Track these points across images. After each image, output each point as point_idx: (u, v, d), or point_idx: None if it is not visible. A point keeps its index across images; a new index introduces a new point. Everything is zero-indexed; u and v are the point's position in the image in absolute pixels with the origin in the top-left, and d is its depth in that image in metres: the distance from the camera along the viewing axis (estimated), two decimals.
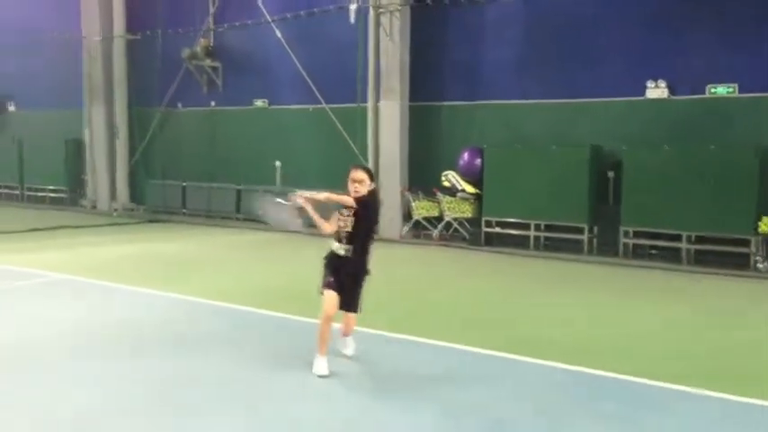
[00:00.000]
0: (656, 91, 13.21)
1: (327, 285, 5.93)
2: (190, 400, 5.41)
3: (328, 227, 6.09)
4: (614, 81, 13.58)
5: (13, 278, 9.95)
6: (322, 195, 5.86)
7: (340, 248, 5.96)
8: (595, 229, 13.53)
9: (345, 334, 6.37)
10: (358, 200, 5.84)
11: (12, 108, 24.10)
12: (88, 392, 5.54)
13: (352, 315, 6.12)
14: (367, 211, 5.90)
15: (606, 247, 13.29)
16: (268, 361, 6.38)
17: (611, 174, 13.38)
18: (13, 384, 5.73)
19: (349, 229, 5.90)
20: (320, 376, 5.85)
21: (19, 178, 22.64)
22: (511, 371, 6.32)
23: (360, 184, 5.86)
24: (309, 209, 5.97)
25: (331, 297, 5.91)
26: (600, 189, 13.49)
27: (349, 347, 6.41)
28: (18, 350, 6.62)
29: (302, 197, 5.90)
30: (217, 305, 8.57)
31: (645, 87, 13.30)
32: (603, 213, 13.41)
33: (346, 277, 5.94)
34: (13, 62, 22.43)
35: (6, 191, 23.13)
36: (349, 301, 5.99)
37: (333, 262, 6.00)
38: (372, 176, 6.04)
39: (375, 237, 6.18)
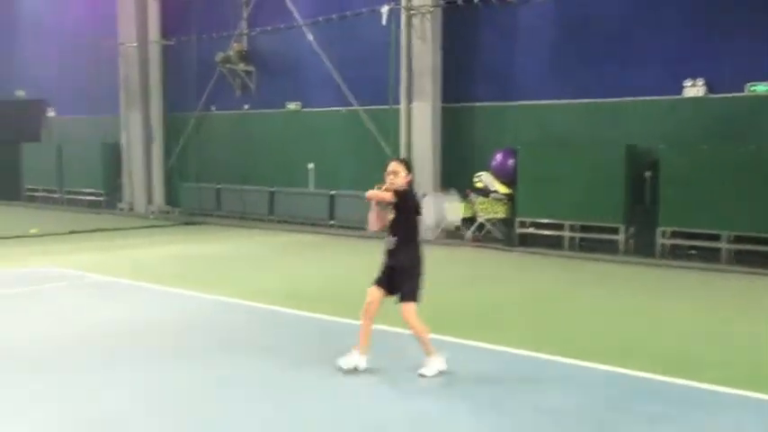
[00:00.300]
0: (694, 89, 13.00)
1: (374, 281, 6.02)
2: (227, 400, 5.46)
3: (374, 223, 6.10)
4: (651, 80, 13.39)
5: (53, 279, 10.16)
6: (368, 193, 5.95)
7: (387, 242, 6.01)
8: (631, 229, 13.35)
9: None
10: (395, 192, 5.86)
11: (51, 114, 24.61)
12: (122, 392, 5.63)
13: (403, 306, 5.91)
14: (405, 202, 5.91)
15: (643, 248, 13.09)
16: (305, 362, 6.42)
17: (647, 173, 13.18)
18: (50, 383, 5.83)
19: (391, 221, 5.96)
20: (339, 368, 5.93)
21: (58, 182, 23.08)
22: (554, 372, 6.27)
23: (394, 175, 5.92)
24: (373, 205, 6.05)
25: (369, 292, 6.00)
26: (636, 189, 13.31)
27: (353, 360, 6.04)
28: (55, 349, 6.75)
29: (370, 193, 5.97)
30: (253, 306, 8.63)
31: (682, 86, 13.10)
32: (640, 213, 13.22)
33: (392, 269, 5.97)
34: (53, 69, 22.93)
35: (46, 194, 23.60)
36: (398, 292, 5.94)
37: (385, 256, 6.05)
38: (409, 167, 6.09)
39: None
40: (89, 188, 22.31)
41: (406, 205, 5.93)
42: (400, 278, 5.93)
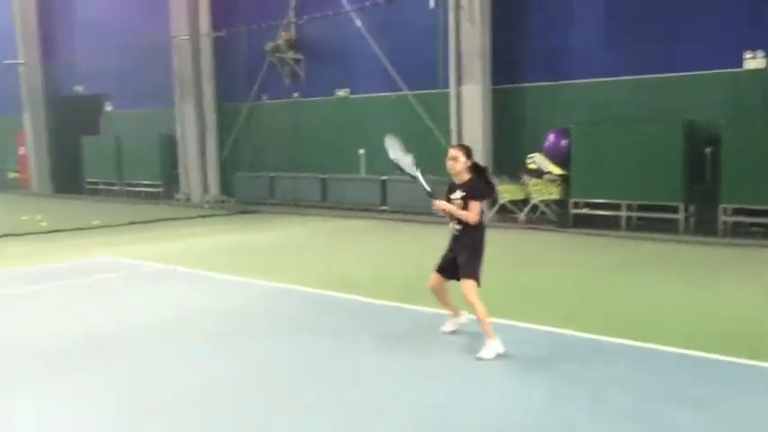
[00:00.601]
0: (755, 62, 12.54)
1: (435, 267, 6.39)
2: (295, 384, 5.55)
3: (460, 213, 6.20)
4: (709, 53, 12.96)
5: (114, 269, 10.45)
6: (448, 208, 6.15)
7: (452, 228, 6.27)
8: (691, 207, 13.01)
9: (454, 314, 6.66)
10: (465, 196, 6.10)
11: (109, 108, 25.26)
12: (188, 375, 5.79)
13: (462, 283, 6.10)
14: (473, 195, 6.12)
15: (704, 226, 12.74)
16: (367, 346, 6.50)
17: (707, 149, 12.80)
18: (116, 369, 6.01)
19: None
20: (445, 332, 6.58)
21: (117, 174, 23.73)
22: (616, 354, 6.17)
23: (454, 161, 6.15)
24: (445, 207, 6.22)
25: (431, 278, 6.41)
26: (696, 166, 12.94)
27: (450, 325, 6.66)
28: (121, 336, 6.96)
29: (440, 205, 6.20)
30: (307, 291, 8.72)
31: (742, 58, 12.64)
32: (700, 191, 12.86)
33: (455, 252, 6.22)
34: (110, 64, 23.51)
35: (106, 187, 24.30)
36: (459, 272, 6.15)
37: (450, 241, 6.33)
38: (469, 153, 6.26)
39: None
40: (147, 180, 22.88)
41: (473, 197, 6.11)
42: (462, 259, 6.12)
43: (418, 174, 6.50)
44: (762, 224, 12.24)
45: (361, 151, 18.09)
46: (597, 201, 13.82)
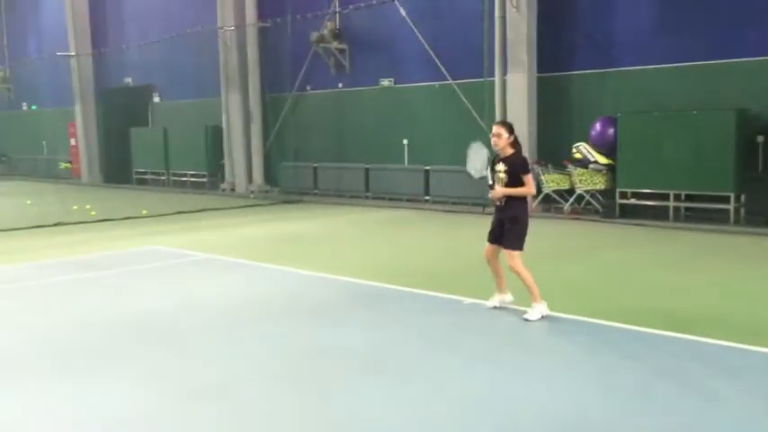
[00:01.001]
0: None
1: (487, 238, 6.94)
2: (341, 369, 5.63)
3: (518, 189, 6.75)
4: (762, 38, 12.58)
5: (163, 258, 10.67)
6: (507, 192, 6.70)
7: (499, 201, 6.79)
8: (743, 197, 12.68)
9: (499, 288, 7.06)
10: (510, 170, 6.66)
11: (156, 99, 25.72)
12: (234, 360, 5.92)
13: (505, 252, 6.70)
14: (514, 167, 6.66)
15: (756, 217, 12.42)
16: (409, 336, 6.53)
17: (760, 138, 12.46)
18: (167, 353, 6.17)
19: (505, 183, 6.70)
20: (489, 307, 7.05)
21: (164, 165, 24.16)
22: (660, 346, 6.09)
23: (498, 137, 6.68)
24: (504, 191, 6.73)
25: (487, 246, 6.93)
26: (748, 155, 12.61)
27: (495, 301, 7.07)
28: (170, 322, 7.12)
29: (498, 193, 6.73)
30: (352, 281, 8.74)
31: None
32: (752, 181, 12.53)
33: (501, 222, 6.77)
34: (157, 55, 23.92)
35: (153, 176, 24.78)
36: (503, 240, 6.75)
37: (495, 213, 6.90)
38: (511, 129, 6.76)
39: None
40: (193, 170, 23.25)
41: (514, 172, 6.64)
42: (507, 229, 6.68)
43: (488, 173, 6.91)
44: None
45: (405, 141, 18.08)
46: (644, 191, 13.57)
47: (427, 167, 17.32)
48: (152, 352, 6.09)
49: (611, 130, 13.88)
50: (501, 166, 6.69)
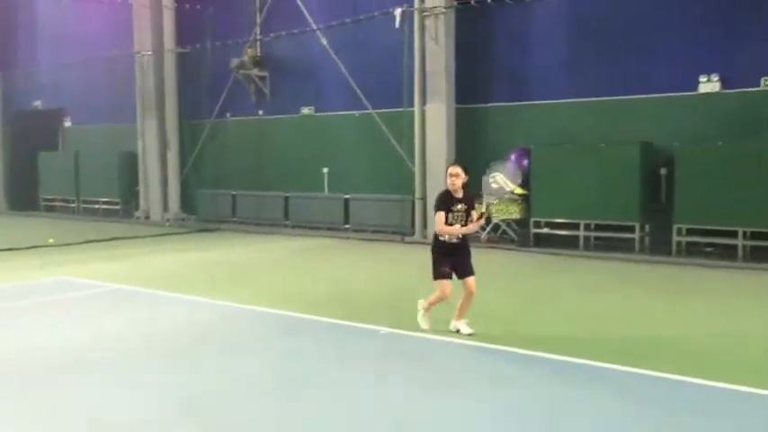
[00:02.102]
0: (709, 85, 12.93)
1: (443, 275, 7.06)
2: (247, 403, 5.51)
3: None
4: (666, 76, 13.34)
5: (70, 289, 10.19)
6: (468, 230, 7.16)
7: (454, 238, 7.07)
8: (647, 227, 13.29)
9: (460, 317, 7.25)
10: (469, 206, 7.11)
11: (68, 123, 24.87)
12: (138, 396, 5.75)
13: (471, 279, 7.10)
14: (471, 205, 7.13)
15: (659, 246, 13.02)
16: (322, 364, 6.48)
17: (663, 170, 13.13)
18: (67, 389, 5.92)
19: (464, 222, 7.07)
20: (424, 330, 7.21)
21: (75, 191, 23.29)
22: (556, 370, 6.25)
23: (456, 177, 6.99)
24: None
25: (449, 284, 7.07)
26: (651, 186, 13.25)
27: (465, 327, 7.24)
28: (74, 357, 6.83)
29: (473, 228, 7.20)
30: (268, 311, 8.62)
31: (697, 82, 13.02)
32: (655, 211, 13.16)
33: (462, 257, 7.12)
34: (69, 78, 23.19)
35: (63, 204, 23.83)
36: (468, 271, 7.13)
37: (447, 251, 7.11)
38: (466, 170, 7.14)
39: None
40: (105, 197, 22.51)
41: (471, 207, 7.09)
42: (467, 259, 7.14)
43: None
44: (715, 244, 12.55)
45: (325, 170, 18.11)
46: (557, 221, 14.03)
47: (347, 196, 17.38)
48: (64, 387, 5.82)
49: (525, 161, 14.32)
50: (461, 206, 7.02)
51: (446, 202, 7.03)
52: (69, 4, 21.60)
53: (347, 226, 17.32)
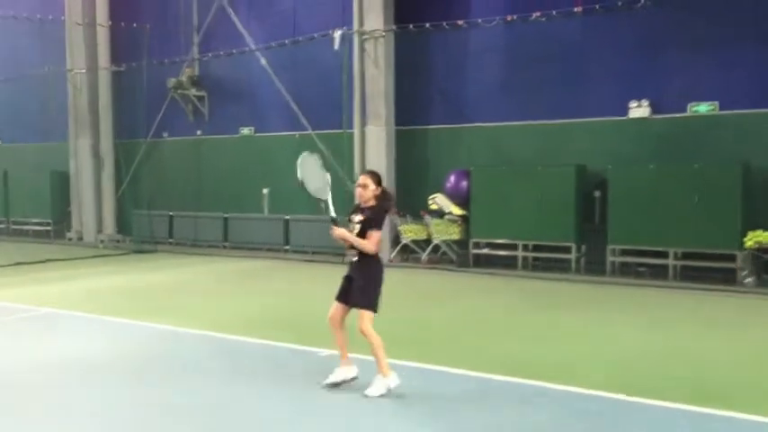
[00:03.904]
0: (639, 110, 13.36)
1: (336, 296, 6.15)
2: (181, 429, 5.35)
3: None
4: (598, 101, 13.75)
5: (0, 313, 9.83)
6: (347, 237, 6.02)
7: (348, 255, 6.20)
8: (583, 247, 13.60)
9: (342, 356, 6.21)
10: (364, 221, 6.02)
11: None
12: (74, 423, 5.49)
13: (358, 313, 5.96)
14: (369, 222, 6.02)
15: (594, 266, 13.33)
16: (259, 387, 6.35)
17: (597, 193, 13.49)
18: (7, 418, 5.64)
19: (357, 234, 6.04)
20: (325, 386, 6.13)
21: (3, 211, 22.44)
22: (509, 393, 6.30)
23: (363, 188, 6.10)
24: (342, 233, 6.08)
25: (332, 308, 6.13)
26: (586, 208, 13.58)
27: (338, 375, 6.19)
28: (8, 384, 6.52)
29: (339, 233, 6.03)
30: (204, 334, 8.46)
31: (628, 107, 13.45)
32: (590, 232, 13.48)
33: (351, 280, 6.07)
34: None
35: None
36: (355, 302, 6.00)
37: (348, 270, 6.16)
38: (379, 180, 6.19)
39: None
40: (36, 218, 21.75)
41: (368, 223, 6.01)
42: (358, 289, 5.97)
43: (329, 198, 6.27)
44: (647, 264, 12.92)
45: (265, 191, 17.95)
46: (496, 241, 14.22)
47: (287, 217, 17.25)
48: None
49: (464, 183, 14.50)
50: (358, 216, 6.05)
51: (353, 209, 6.24)
52: None
53: (287, 247, 17.17)
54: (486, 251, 14.35)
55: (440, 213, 14.77)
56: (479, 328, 9.02)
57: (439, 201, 14.74)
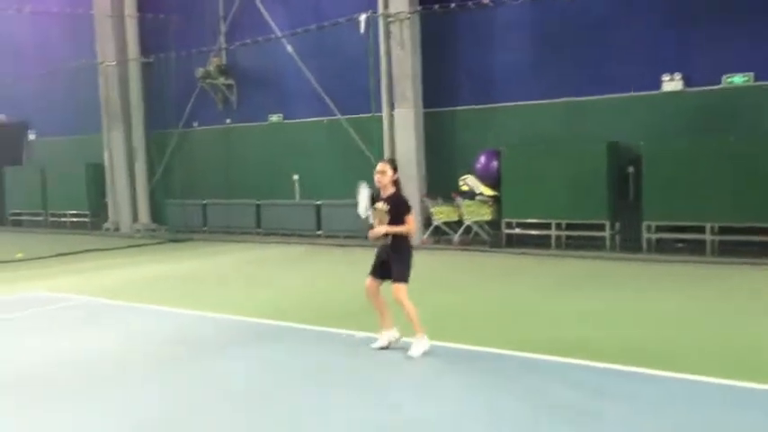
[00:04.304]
0: (672, 84, 13.13)
1: (369, 272, 6.81)
2: (224, 412, 5.45)
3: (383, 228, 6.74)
4: (630, 76, 13.52)
5: (41, 303, 10.05)
6: (389, 231, 6.68)
7: (386, 240, 6.70)
8: (617, 225, 13.45)
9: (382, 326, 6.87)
10: (390, 209, 6.67)
11: (32, 136, 24.47)
12: (117, 410, 5.64)
13: (393, 287, 6.60)
14: (397, 207, 6.70)
15: (629, 243, 13.18)
16: (298, 373, 6.44)
17: (630, 169, 13.31)
18: (45, 408, 5.81)
19: (388, 221, 6.67)
20: (377, 348, 6.82)
21: (42, 204, 22.93)
22: (543, 371, 6.30)
23: (381, 174, 6.71)
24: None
25: (367, 283, 6.80)
26: (620, 185, 13.42)
27: (383, 340, 6.87)
28: (49, 373, 6.71)
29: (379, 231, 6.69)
30: (244, 320, 8.57)
31: (660, 81, 13.22)
32: (625, 209, 13.32)
33: (386, 257, 6.71)
34: (32, 90, 22.80)
35: (30, 218, 23.44)
36: (390, 272, 6.65)
37: (379, 249, 6.82)
38: (395, 167, 6.84)
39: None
40: (74, 209, 22.18)
41: (397, 210, 6.66)
42: (395, 265, 6.61)
43: (369, 212, 6.88)
44: (684, 240, 12.74)
45: (296, 176, 18.05)
46: (528, 221, 14.13)
47: (318, 202, 17.34)
48: (33, 405, 5.72)
49: (494, 163, 14.41)
50: (383, 205, 6.68)
51: (373, 199, 6.84)
52: (28, 17, 21.22)
53: (319, 232, 17.27)
54: (517, 231, 14.27)
55: (471, 194, 14.71)
56: (517, 309, 8.97)
57: (469, 182, 14.69)
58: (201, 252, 15.94)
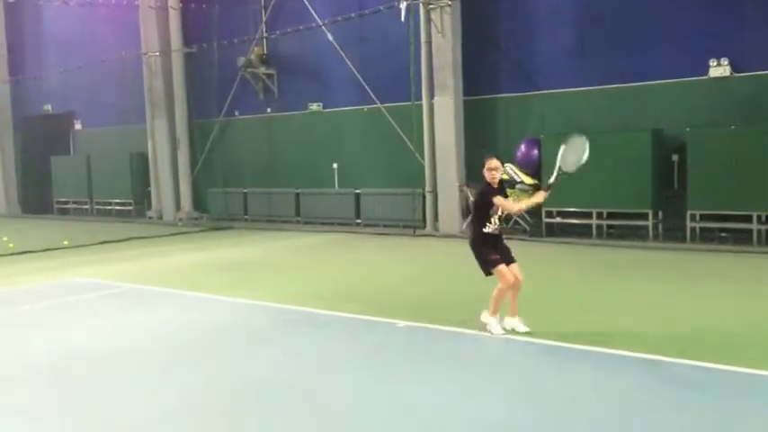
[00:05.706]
0: (719, 69, 12.83)
1: (496, 262, 6.85)
2: (271, 400, 5.55)
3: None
4: (675, 62, 13.24)
5: (85, 290, 10.26)
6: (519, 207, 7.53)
7: (496, 229, 6.98)
8: (660, 214, 13.22)
9: (514, 314, 7.02)
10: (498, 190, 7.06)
11: (78, 126, 25.02)
12: (160, 397, 5.78)
13: (516, 266, 6.95)
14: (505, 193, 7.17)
15: (673, 233, 12.96)
16: (345, 361, 6.50)
17: (675, 157, 13.06)
18: (95, 390, 5.99)
19: (499, 215, 7.00)
20: (496, 334, 6.85)
21: (88, 193, 23.46)
22: (583, 360, 6.25)
23: (496, 171, 6.94)
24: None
25: (506, 269, 6.85)
26: (664, 173, 13.18)
27: (521, 325, 6.98)
28: (98, 357, 6.89)
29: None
30: (288, 308, 8.62)
31: (707, 66, 12.93)
32: (668, 198, 13.09)
33: (503, 246, 7.04)
34: (78, 81, 23.29)
35: (76, 206, 24.01)
36: (512, 258, 7.01)
37: (490, 242, 6.97)
38: (502, 162, 7.17)
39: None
40: (118, 198, 22.66)
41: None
42: (507, 248, 7.05)
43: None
44: (729, 229, 12.48)
45: (335, 165, 18.13)
46: (569, 210, 13.99)
47: (358, 191, 17.41)
48: (80, 389, 5.89)
49: (535, 151, 14.27)
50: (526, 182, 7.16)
51: (493, 191, 6.96)
52: (76, 9, 21.66)
53: (359, 221, 17.34)
54: (558, 220, 14.14)
55: (511, 183, 14.57)
56: (563, 297, 8.89)
57: (509, 170, 14.56)
58: (243, 240, 16.13)
